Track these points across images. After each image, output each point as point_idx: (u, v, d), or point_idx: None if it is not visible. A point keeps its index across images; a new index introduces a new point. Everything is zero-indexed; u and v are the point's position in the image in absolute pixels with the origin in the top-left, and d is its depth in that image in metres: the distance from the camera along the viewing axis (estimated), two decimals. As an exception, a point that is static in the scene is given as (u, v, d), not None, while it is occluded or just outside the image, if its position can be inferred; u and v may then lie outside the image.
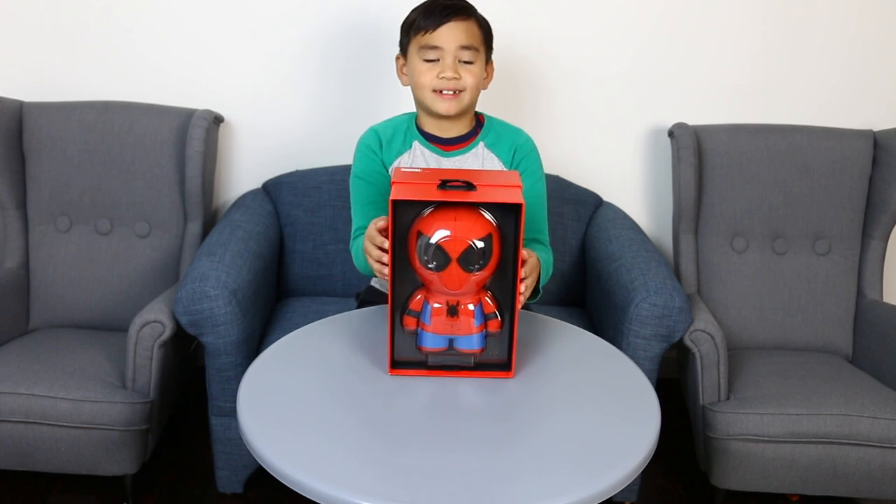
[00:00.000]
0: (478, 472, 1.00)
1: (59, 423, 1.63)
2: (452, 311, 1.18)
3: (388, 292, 1.20)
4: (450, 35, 1.48)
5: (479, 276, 1.15)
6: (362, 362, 1.25)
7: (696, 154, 2.03)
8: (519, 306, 1.20)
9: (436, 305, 1.18)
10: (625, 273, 1.79)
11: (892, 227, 2.04)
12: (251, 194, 2.12)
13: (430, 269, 1.14)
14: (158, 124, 1.99)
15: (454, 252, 1.13)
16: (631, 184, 2.25)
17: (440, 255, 1.13)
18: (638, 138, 2.22)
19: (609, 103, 2.18)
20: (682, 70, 2.16)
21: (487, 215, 1.15)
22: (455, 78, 1.48)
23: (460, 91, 1.50)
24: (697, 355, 1.74)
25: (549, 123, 2.17)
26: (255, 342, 1.79)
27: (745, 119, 2.15)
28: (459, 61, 1.49)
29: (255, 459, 1.05)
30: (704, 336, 1.73)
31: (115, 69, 2.10)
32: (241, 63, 2.12)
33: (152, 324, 1.67)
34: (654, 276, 1.74)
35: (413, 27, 1.51)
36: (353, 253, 1.53)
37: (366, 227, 1.49)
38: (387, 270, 1.20)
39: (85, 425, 1.63)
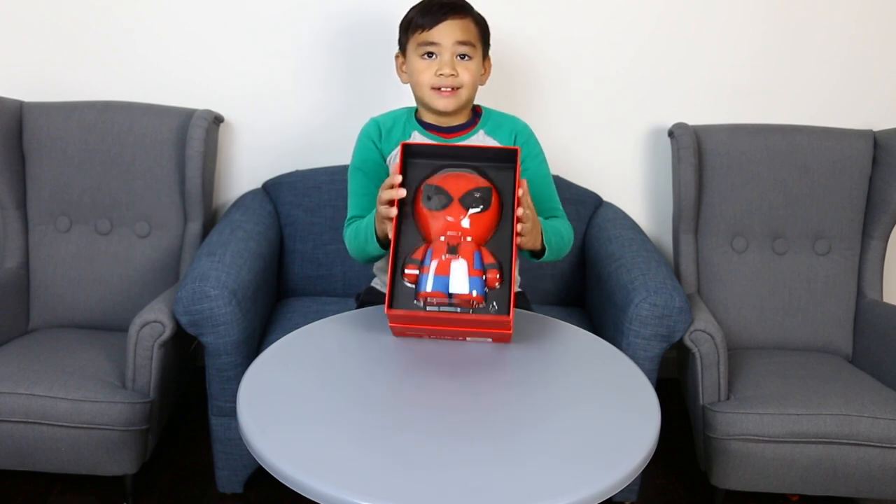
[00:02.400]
0: (478, 472, 1.00)
1: (59, 423, 1.63)
2: (452, 250, 1.24)
3: (392, 243, 1.27)
4: (447, 32, 1.51)
5: (479, 219, 1.24)
6: (362, 362, 1.25)
7: (696, 154, 2.03)
8: (518, 228, 1.26)
9: (438, 251, 1.25)
10: (625, 273, 1.79)
11: (892, 227, 2.04)
12: (251, 194, 2.12)
13: (432, 209, 1.25)
14: (158, 124, 1.99)
15: (456, 193, 1.26)
16: (631, 184, 2.25)
17: (443, 195, 1.26)
18: (638, 138, 2.22)
19: (609, 103, 2.18)
20: (682, 70, 2.16)
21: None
22: (452, 75, 1.51)
23: (458, 88, 1.52)
24: (697, 355, 1.74)
25: (548, 123, 2.17)
26: (255, 342, 1.79)
27: (745, 119, 2.15)
28: (457, 57, 1.52)
29: (255, 459, 1.05)
30: (704, 336, 1.73)
31: (115, 69, 2.10)
32: (241, 63, 2.12)
33: (152, 324, 1.67)
34: (654, 276, 1.74)
35: (411, 25, 1.54)
36: (346, 239, 1.54)
37: (360, 217, 1.53)
38: (392, 211, 1.27)
39: (85, 425, 1.63)
